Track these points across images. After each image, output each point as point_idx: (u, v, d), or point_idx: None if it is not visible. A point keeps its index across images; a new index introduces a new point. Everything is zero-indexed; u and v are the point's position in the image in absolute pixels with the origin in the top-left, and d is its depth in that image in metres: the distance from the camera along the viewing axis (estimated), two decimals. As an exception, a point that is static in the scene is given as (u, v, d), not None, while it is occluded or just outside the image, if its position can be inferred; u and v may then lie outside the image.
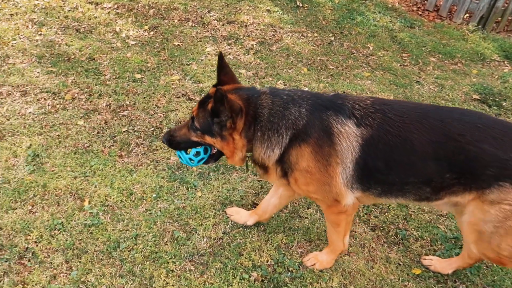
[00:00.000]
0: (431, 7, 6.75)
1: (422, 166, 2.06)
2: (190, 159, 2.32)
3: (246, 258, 2.62)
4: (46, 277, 2.37)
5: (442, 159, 2.02)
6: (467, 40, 6.04)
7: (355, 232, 2.91)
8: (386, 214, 3.08)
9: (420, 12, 6.78)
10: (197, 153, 2.32)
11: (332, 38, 5.61)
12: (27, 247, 2.51)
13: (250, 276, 2.52)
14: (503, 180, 1.95)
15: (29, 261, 2.44)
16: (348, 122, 2.08)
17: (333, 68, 4.97)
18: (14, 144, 3.21)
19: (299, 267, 2.62)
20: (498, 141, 1.97)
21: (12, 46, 4.36)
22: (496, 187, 1.96)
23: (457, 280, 2.67)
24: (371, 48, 5.55)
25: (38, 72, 4.04)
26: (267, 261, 2.63)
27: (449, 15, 6.64)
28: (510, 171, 1.95)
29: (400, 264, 2.73)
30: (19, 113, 3.52)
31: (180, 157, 2.35)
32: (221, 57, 2.24)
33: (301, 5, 6.23)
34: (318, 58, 5.12)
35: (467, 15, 6.47)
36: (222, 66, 2.26)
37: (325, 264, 2.61)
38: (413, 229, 2.97)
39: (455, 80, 5.06)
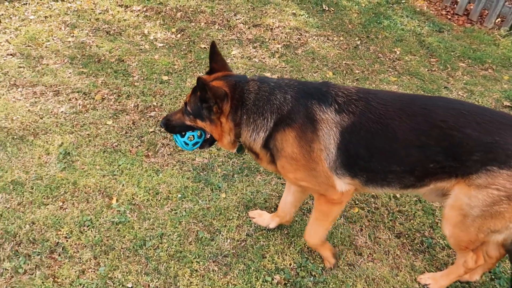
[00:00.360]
0: (461, 11, 6.60)
1: (405, 154, 2.06)
2: (185, 142, 2.41)
3: (269, 261, 2.63)
4: (75, 272, 2.44)
5: (426, 146, 2.01)
6: (499, 45, 5.87)
7: (380, 238, 2.88)
8: (411, 221, 3.03)
9: (449, 17, 6.64)
10: (191, 137, 2.41)
11: (358, 42, 5.57)
12: (58, 242, 2.60)
13: (273, 279, 2.53)
14: (490, 164, 1.93)
15: (59, 255, 2.53)
16: (328, 109, 2.11)
17: (358, 72, 4.93)
18: (47, 142, 3.33)
19: (322, 271, 2.61)
20: (482, 126, 1.96)
21: (46, 47, 4.52)
22: (484, 172, 1.95)
23: (485, 292, 2.60)
24: (398, 52, 5.47)
25: (70, 73, 4.18)
26: (290, 264, 2.64)
27: (479, 20, 6.47)
28: (496, 154, 1.93)
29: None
30: (51, 112, 3.64)
31: (176, 140, 2.45)
32: (213, 45, 2.32)
33: (327, 8, 6.21)
34: (344, 62, 5.09)
35: (499, 19, 6.29)
36: (214, 54, 2.34)
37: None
38: (439, 238, 2.92)
39: (485, 86, 4.93)
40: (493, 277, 2.70)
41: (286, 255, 2.69)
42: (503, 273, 2.72)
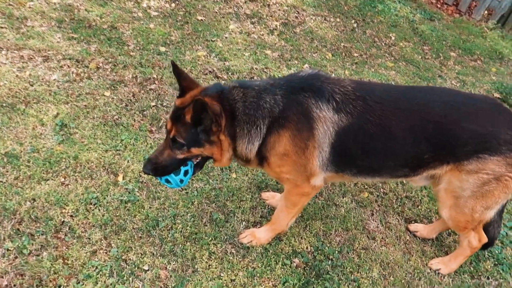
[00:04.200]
0: (450, 1, 6.69)
1: (402, 151, 2.11)
2: (181, 180, 2.18)
3: (286, 244, 2.59)
4: (86, 253, 2.28)
5: (422, 141, 2.07)
6: (486, 38, 6.03)
7: (390, 223, 2.91)
8: (419, 207, 3.08)
9: (438, 5, 6.72)
10: (186, 172, 2.18)
11: (355, 25, 5.52)
12: (63, 221, 2.41)
13: (291, 262, 2.49)
14: (482, 152, 2.04)
15: (66, 235, 2.35)
16: (325, 106, 2.05)
17: (357, 56, 4.89)
18: (40, 111, 3.05)
19: (339, 255, 2.60)
20: (475, 117, 2.06)
21: (29, 7, 4.12)
22: (475, 159, 2.06)
23: (490, 277, 2.70)
24: (393, 38, 5.48)
25: (59, 37, 3.84)
26: (307, 248, 2.61)
27: (468, 11, 6.60)
28: (489, 143, 2.03)
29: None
30: (43, 79, 3.34)
31: (169, 182, 2.17)
32: (174, 65, 2.12)
33: (322, -12, 6.08)
34: (342, 44, 5.03)
35: (487, 12, 6.44)
36: (179, 73, 2.15)
37: (263, 241, 2.54)
38: (445, 224, 2.98)
39: (475, 77, 5.06)
40: (496, 262, 2.81)
41: (302, 238, 2.65)
42: (505, 259, 2.84)
